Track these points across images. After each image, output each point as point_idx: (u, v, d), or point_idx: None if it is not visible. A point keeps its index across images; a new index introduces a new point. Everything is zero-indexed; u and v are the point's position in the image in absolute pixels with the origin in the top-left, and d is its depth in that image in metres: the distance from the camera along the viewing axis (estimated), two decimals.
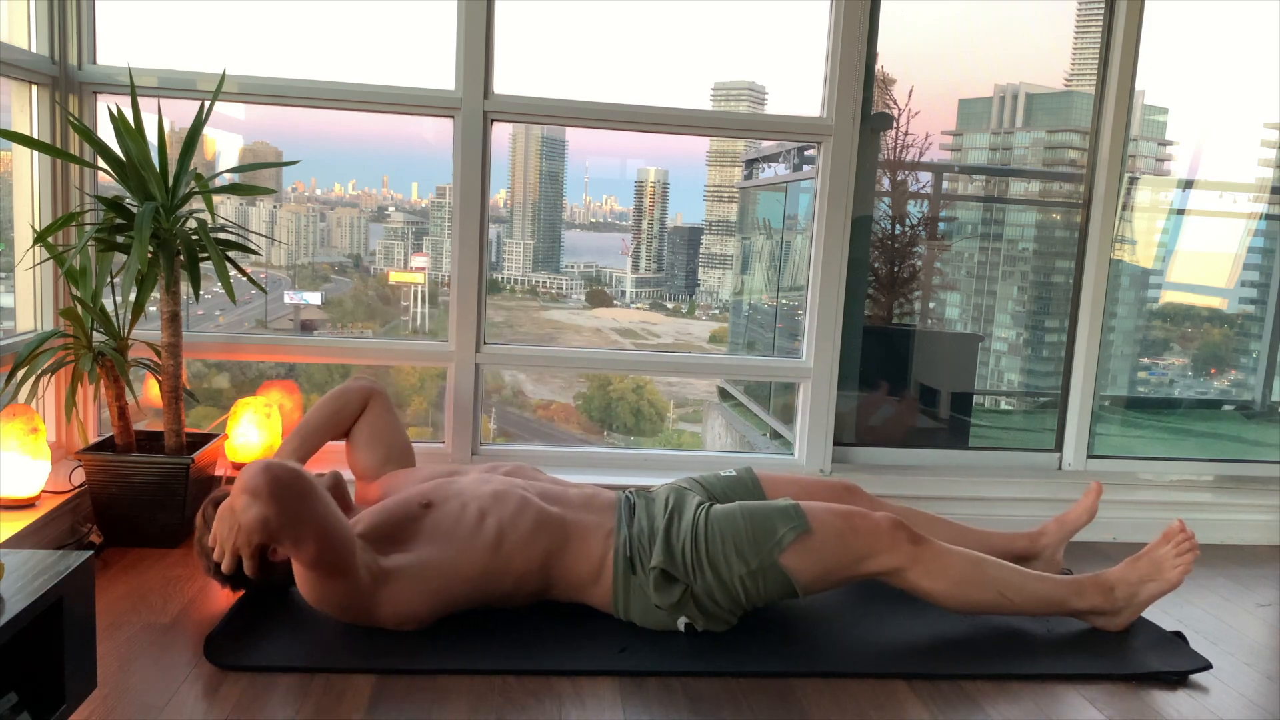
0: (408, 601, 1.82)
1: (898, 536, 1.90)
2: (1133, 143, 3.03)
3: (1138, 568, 2.02)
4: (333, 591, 1.77)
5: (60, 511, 2.17)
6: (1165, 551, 2.02)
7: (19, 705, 1.24)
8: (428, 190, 3.68)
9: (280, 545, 1.71)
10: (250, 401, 2.53)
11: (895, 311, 3.35)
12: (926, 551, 1.91)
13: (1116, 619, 2.02)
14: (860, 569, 1.90)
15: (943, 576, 1.91)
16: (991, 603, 1.95)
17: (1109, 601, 2.00)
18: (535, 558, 1.90)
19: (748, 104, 3.27)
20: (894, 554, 1.89)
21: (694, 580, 1.89)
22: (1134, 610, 2.02)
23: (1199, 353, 4.04)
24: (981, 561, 1.96)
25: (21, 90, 2.36)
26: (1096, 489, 2.26)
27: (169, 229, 2.16)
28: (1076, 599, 2.00)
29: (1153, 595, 2.01)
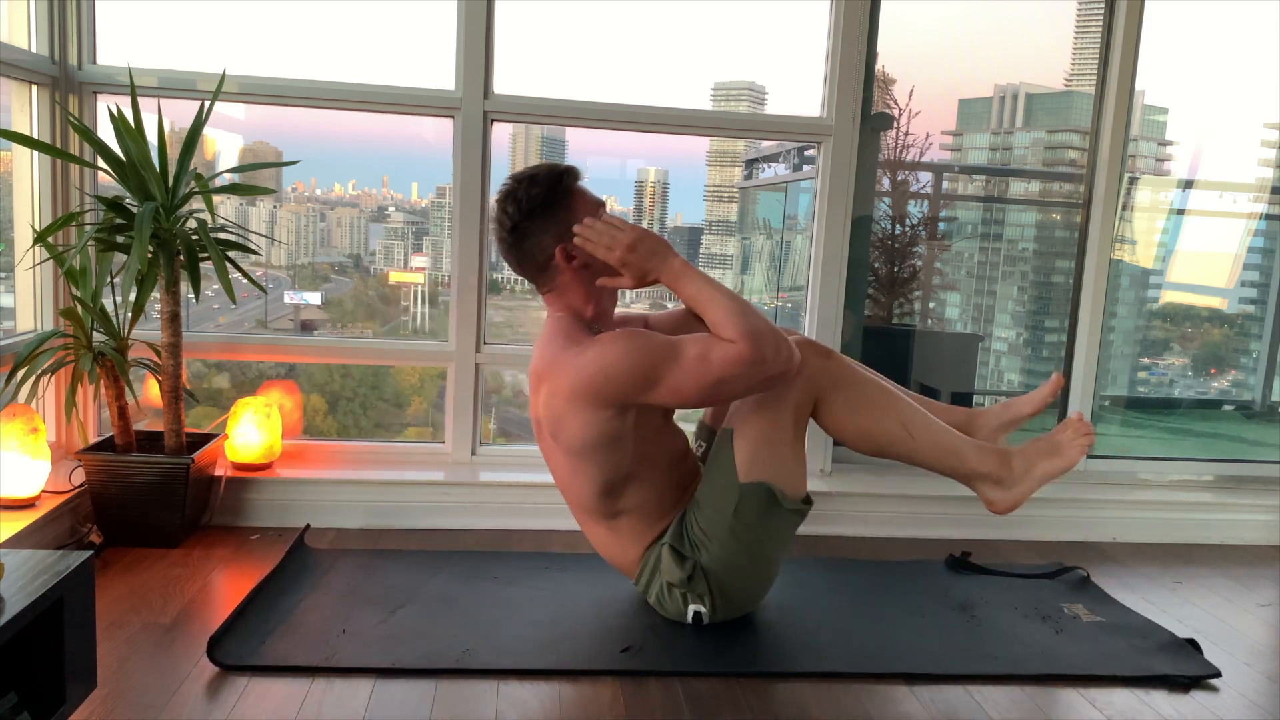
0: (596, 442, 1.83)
1: (806, 351, 1.88)
2: (1133, 143, 3.03)
3: (1037, 446, 2.03)
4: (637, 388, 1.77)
5: (60, 511, 2.17)
6: (1065, 435, 2.03)
7: (19, 705, 1.24)
8: (428, 190, 3.68)
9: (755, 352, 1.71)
10: (250, 401, 2.53)
11: (895, 311, 3.35)
12: (835, 362, 1.93)
13: (1008, 492, 2.00)
14: (790, 406, 1.88)
15: (850, 391, 1.92)
16: (892, 433, 1.94)
17: (1004, 469, 1.99)
18: (644, 496, 1.92)
19: (748, 104, 3.26)
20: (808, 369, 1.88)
21: (699, 554, 1.90)
22: (1027, 486, 2.00)
23: (1199, 353, 4.04)
24: (890, 390, 1.97)
25: (21, 90, 2.36)
26: (1056, 380, 2.18)
27: (169, 229, 2.16)
28: (974, 457, 1.98)
29: (1048, 473, 2.00)
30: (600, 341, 1.80)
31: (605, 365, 1.76)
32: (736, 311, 1.75)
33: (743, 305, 1.78)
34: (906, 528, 2.66)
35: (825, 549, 2.52)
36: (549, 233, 1.85)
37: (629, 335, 1.80)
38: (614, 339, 1.79)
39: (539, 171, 1.87)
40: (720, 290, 1.79)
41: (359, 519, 2.50)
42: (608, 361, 1.76)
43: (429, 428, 3.27)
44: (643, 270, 1.82)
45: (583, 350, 1.80)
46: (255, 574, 2.12)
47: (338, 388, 3.36)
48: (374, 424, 3.36)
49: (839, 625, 2.04)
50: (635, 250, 1.80)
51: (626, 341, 1.78)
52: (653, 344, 1.77)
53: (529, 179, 1.86)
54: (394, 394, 3.52)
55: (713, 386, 1.75)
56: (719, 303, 1.77)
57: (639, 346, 1.77)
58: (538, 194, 1.84)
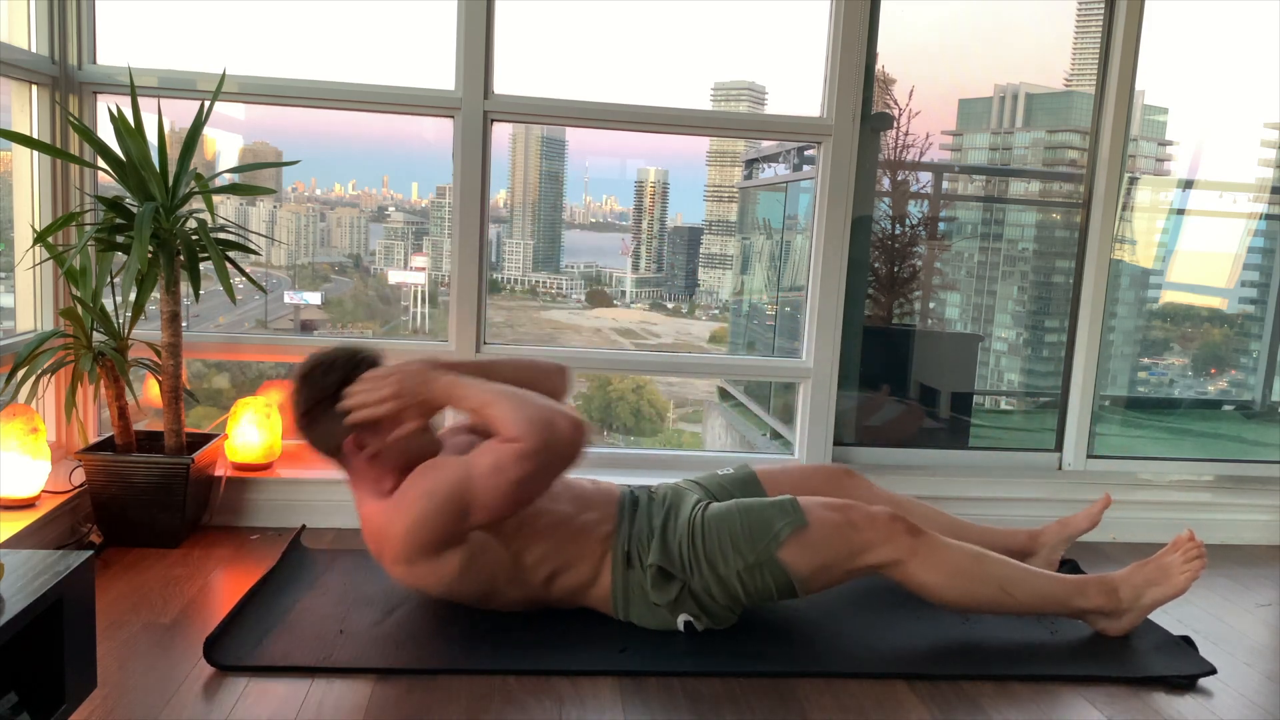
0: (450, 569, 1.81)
1: (895, 528, 1.88)
2: (1133, 143, 3.02)
3: (1144, 571, 2.01)
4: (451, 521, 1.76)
5: (60, 511, 2.17)
6: (1174, 558, 2.00)
7: (19, 705, 1.24)
8: (428, 190, 3.68)
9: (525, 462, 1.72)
10: (250, 401, 2.53)
11: (895, 311, 3.35)
12: (924, 544, 1.89)
13: (1119, 622, 2.00)
14: (858, 562, 1.89)
15: (942, 569, 1.89)
16: (992, 598, 1.93)
17: (1112, 602, 1.99)
18: (545, 568, 1.89)
19: (748, 104, 3.27)
20: (892, 546, 1.87)
21: (691, 577, 1.89)
22: (1138, 614, 2.00)
23: (1199, 353, 4.04)
24: (982, 555, 1.95)
25: (21, 90, 2.36)
26: (1105, 501, 2.25)
27: (169, 229, 2.16)
28: (1080, 598, 1.98)
29: (1157, 600, 1.99)
30: (397, 499, 1.81)
31: (411, 511, 1.78)
32: (511, 407, 1.76)
33: (517, 399, 1.77)
34: None
35: None
36: (339, 421, 1.82)
37: (418, 477, 1.80)
38: (406, 489, 1.80)
39: (336, 358, 1.86)
40: (493, 391, 1.78)
41: (358, 519, 2.50)
42: (411, 508, 1.77)
43: None
44: (420, 403, 1.80)
45: (388, 508, 1.81)
46: (255, 574, 2.12)
47: None
48: None
49: (839, 625, 2.04)
50: (401, 393, 1.79)
51: (419, 486, 1.79)
52: (443, 472, 1.78)
53: (325, 365, 1.85)
54: None
55: (518, 489, 1.76)
56: (494, 405, 1.77)
57: (431, 480, 1.78)
58: (330, 382, 1.83)
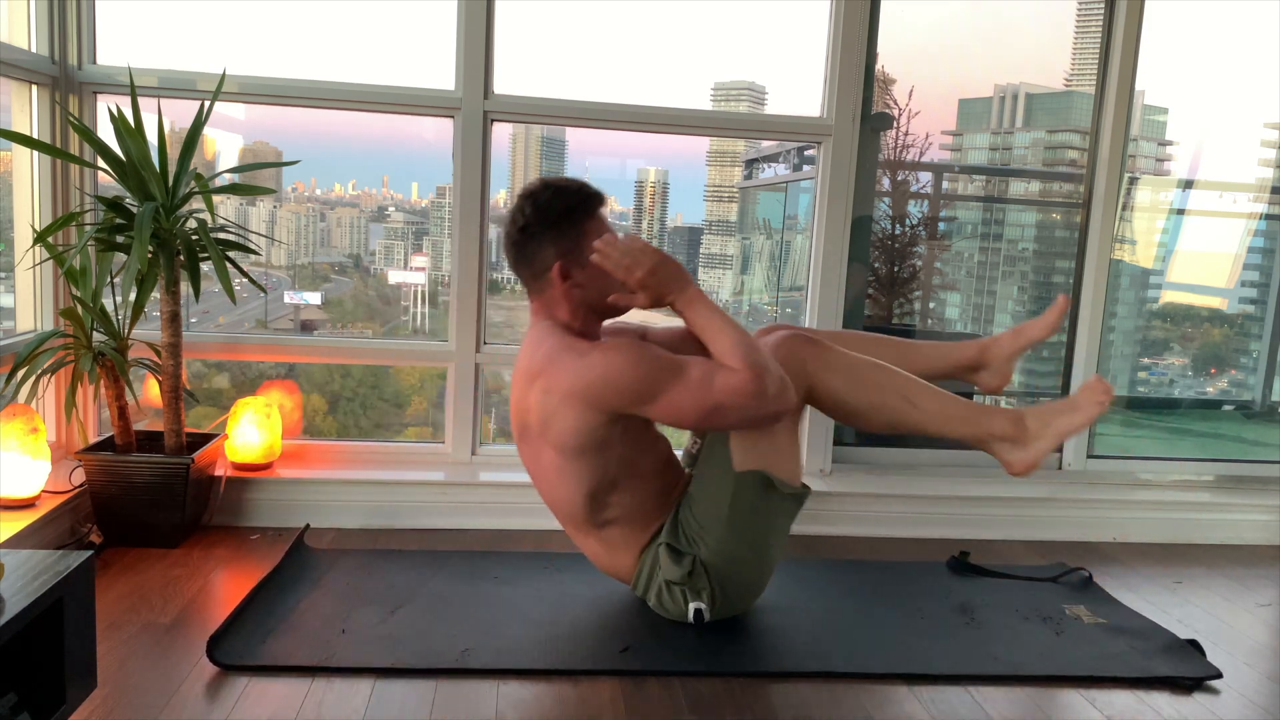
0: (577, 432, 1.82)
1: (794, 341, 1.90)
2: (1133, 143, 3.03)
3: (1053, 404, 2.01)
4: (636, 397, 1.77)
5: (60, 511, 2.17)
6: (1084, 394, 1.99)
7: (19, 705, 1.24)
8: (428, 190, 3.68)
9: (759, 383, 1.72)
10: (250, 401, 2.53)
11: (895, 311, 3.34)
12: (825, 348, 1.92)
13: (1025, 451, 1.97)
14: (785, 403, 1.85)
15: (845, 372, 1.91)
16: (896, 408, 1.93)
17: (1019, 429, 1.96)
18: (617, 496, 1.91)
19: (748, 104, 3.26)
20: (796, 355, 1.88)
21: (698, 548, 1.90)
22: (1044, 444, 1.96)
23: (1199, 353, 4.04)
24: (884, 366, 1.96)
25: (21, 90, 2.36)
26: (1062, 302, 2.12)
27: (169, 229, 2.16)
28: (985, 420, 1.96)
29: (1065, 428, 1.97)
30: (605, 347, 1.79)
31: (609, 371, 1.76)
32: (744, 344, 1.77)
33: (750, 340, 1.79)
34: (906, 528, 2.66)
35: (825, 549, 2.52)
36: (555, 245, 1.85)
37: (634, 346, 1.79)
38: (620, 347, 1.79)
39: (569, 185, 1.89)
40: (730, 322, 1.80)
41: (359, 519, 2.50)
42: (612, 368, 1.76)
43: (429, 428, 3.27)
44: (659, 293, 1.83)
45: (585, 353, 1.79)
46: (255, 574, 2.12)
47: (338, 388, 3.36)
48: (374, 424, 3.36)
49: (839, 625, 2.04)
50: (655, 273, 1.81)
51: (632, 351, 1.77)
52: (658, 357, 1.77)
53: (557, 188, 1.87)
54: (394, 394, 3.52)
55: (710, 411, 1.76)
56: (728, 334, 1.78)
57: (644, 357, 1.77)
58: (559, 205, 1.85)
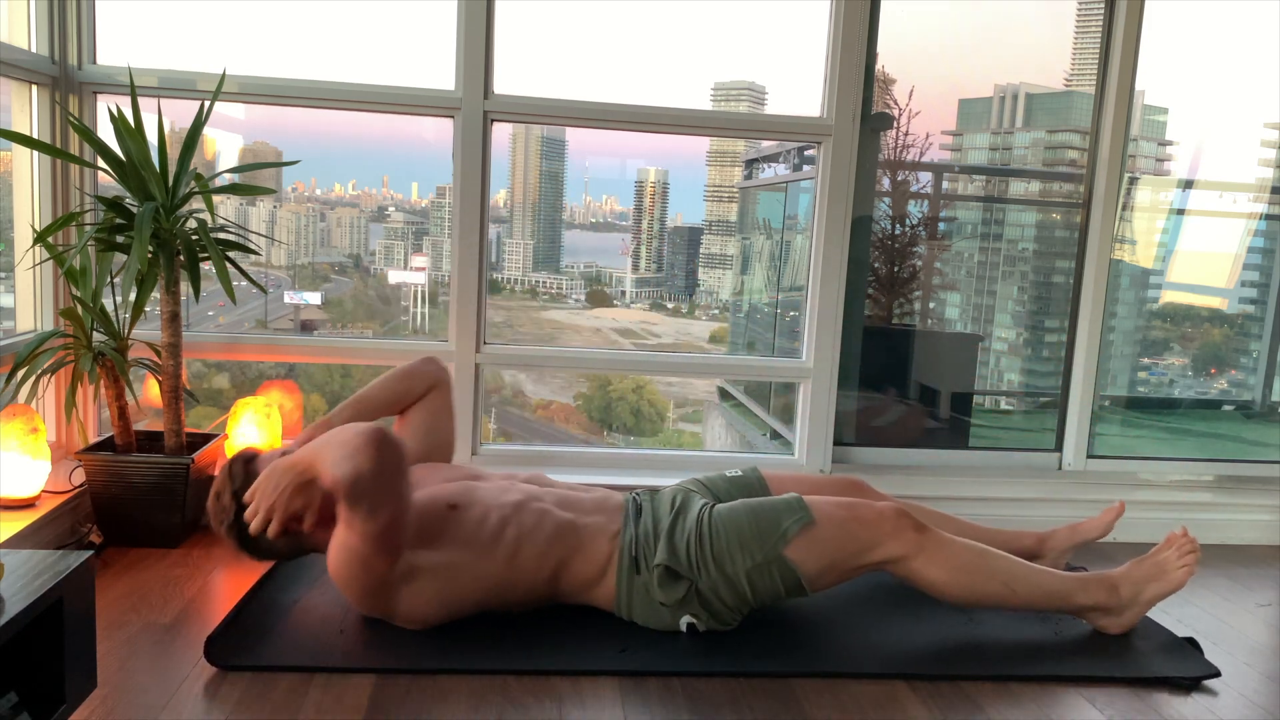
0: (425, 601, 1.83)
1: (901, 524, 1.89)
2: (1133, 143, 3.02)
3: (1142, 568, 2.02)
4: (368, 572, 1.77)
5: (60, 511, 2.17)
6: (1169, 554, 2.02)
7: (19, 705, 1.24)
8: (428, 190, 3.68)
9: (355, 508, 1.70)
10: (250, 401, 2.53)
11: (895, 311, 3.35)
12: (930, 540, 1.90)
13: (1119, 618, 2.01)
14: (865, 559, 1.89)
15: (947, 565, 1.90)
16: (995, 594, 1.94)
17: (1113, 598, 2.00)
18: (548, 566, 1.90)
19: (748, 104, 3.27)
20: (898, 542, 1.88)
21: (698, 577, 1.89)
22: (1137, 610, 2.01)
23: (1199, 353, 4.04)
24: (986, 552, 1.96)
25: (21, 90, 2.36)
26: (1119, 508, 2.25)
27: (169, 229, 2.16)
28: (1081, 594, 1.99)
29: (1156, 595, 2.01)
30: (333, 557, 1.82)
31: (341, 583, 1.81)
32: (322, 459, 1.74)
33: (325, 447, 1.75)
34: None
35: None
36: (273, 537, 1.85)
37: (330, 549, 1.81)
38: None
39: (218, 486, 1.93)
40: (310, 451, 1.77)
41: None
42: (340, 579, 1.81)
43: None
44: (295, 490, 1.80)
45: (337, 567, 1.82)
46: (255, 574, 2.11)
47: (338, 388, 3.36)
48: None
49: (839, 625, 2.04)
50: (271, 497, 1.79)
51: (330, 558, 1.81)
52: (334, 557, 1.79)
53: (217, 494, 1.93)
54: None
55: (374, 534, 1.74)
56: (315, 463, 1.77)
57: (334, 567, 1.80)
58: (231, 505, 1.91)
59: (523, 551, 1.88)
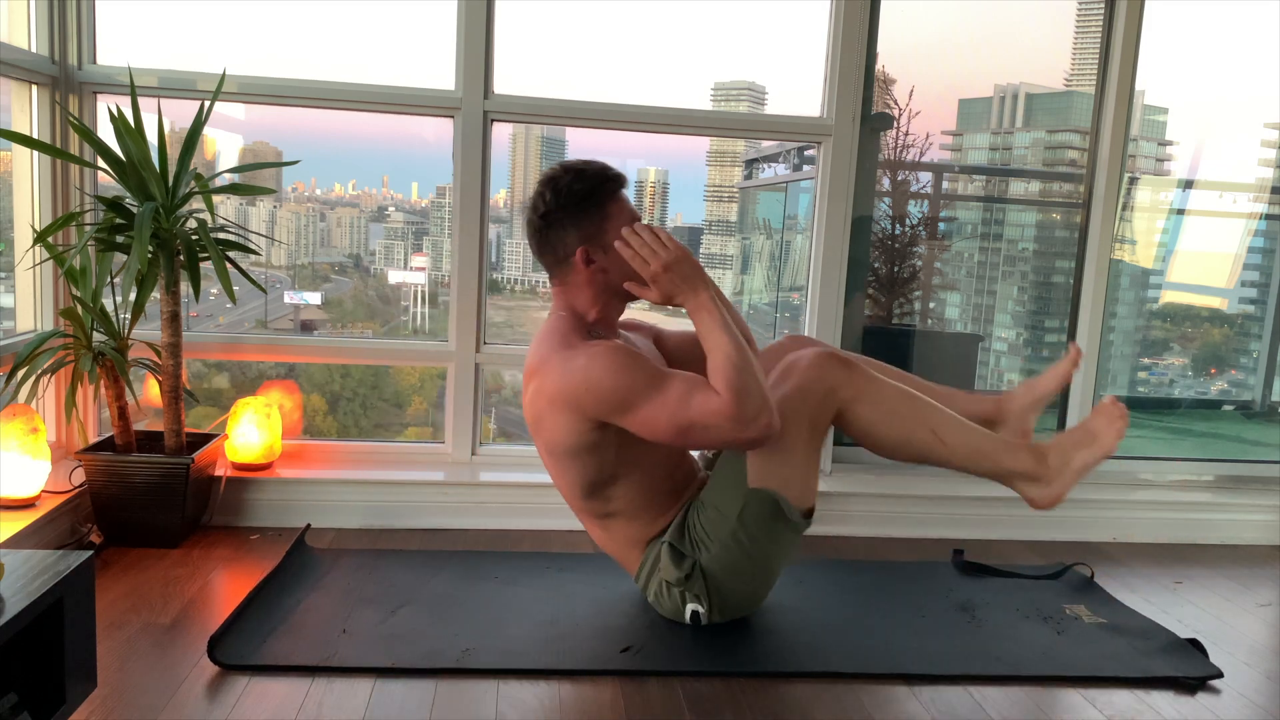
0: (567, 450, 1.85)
1: (828, 364, 1.87)
2: (1133, 143, 3.02)
3: (1071, 436, 2.00)
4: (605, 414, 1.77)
5: (60, 511, 2.17)
6: (1100, 421, 1.99)
7: (19, 705, 1.24)
8: (428, 190, 3.68)
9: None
10: (250, 401, 2.53)
11: (895, 311, 3.35)
12: (859, 374, 1.88)
13: (1048, 488, 1.97)
14: (809, 425, 1.86)
15: (879, 405, 1.88)
16: (924, 442, 1.91)
17: (1041, 466, 1.96)
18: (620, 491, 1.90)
19: (748, 104, 3.26)
20: (829, 379, 1.86)
21: (699, 553, 1.89)
22: (1066, 480, 1.97)
23: (1199, 353, 4.04)
24: (916, 396, 1.93)
25: (21, 90, 2.36)
26: (1075, 352, 2.13)
27: (169, 229, 2.16)
28: (1009, 457, 1.95)
29: (1086, 463, 1.97)
30: (591, 351, 1.77)
31: (589, 376, 1.74)
32: (735, 365, 1.72)
33: (744, 360, 1.74)
34: (907, 528, 2.66)
35: (826, 549, 2.51)
36: (579, 229, 1.84)
37: (620, 352, 1.77)
38: (606, 351, 1.76)
39: (589, 167, 1.86)
40: (730, 338, 1.75)
41: (359, 519, 2.50)
42: (592, 373, 1.74)
43: (429, 428, 3.28)
44: (670, 292, 1.80)
45: (574, 355, 1.78)
46: (255, 574, 2.12)
47: (338, 388, 3.36)
48: (374, 424, 3.36)
49: (839, 625, 2.04)
50: (670, 270, 1.78)
51: (616, 358, 1.75)
52: (641, 368, 1.75)
53: (577, 171, 1.85)
54: (394, 394, 3.52)
55: (685, 430, 1.73)
56: (723, 350, 1.75)
57: (626, 366, 1.74)
58: (580, 189, 1.83)
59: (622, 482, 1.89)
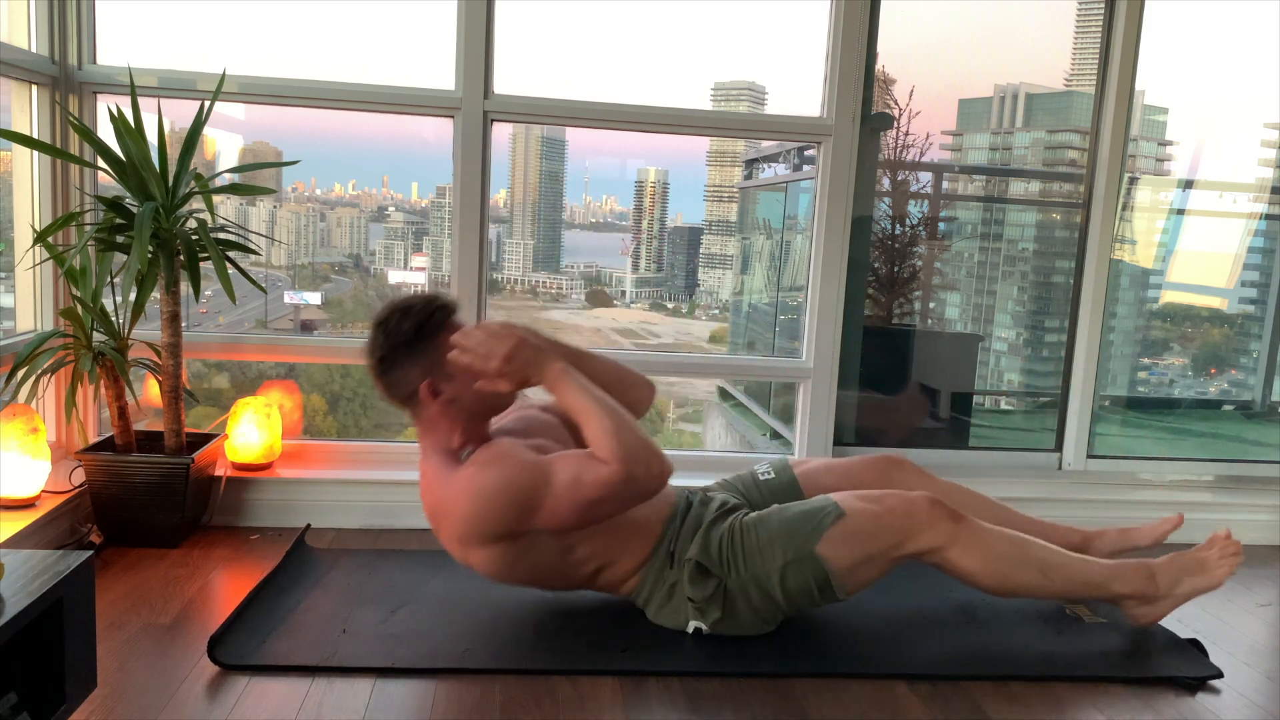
0: (496, 565, 1.84)
1: (936, 514, 1.87)
2: (1133, 143, 3.02)
3: (1181, 561, 2.00)
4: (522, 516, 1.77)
5: (60, 511, 2.17)
6: (1211, 553, 2.01)
7: (19, 705, 1.24)
8: (428, 190, 3.68)
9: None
10: (250, 401, 2.53)
11: (895, 311, 3.35)
12: (965, 529, 1.88)
13: (1153, 608, 1.99)
14: (899, 551, 1.87)
15: (981, 555, 1.88)
16: (1032, 582, 1.92)
17: (1150, 587, 1.97)
18: (594, 563, 1.90)
19: (748, 104, 3.27)
20: (933, 532, 1.86)
21: (728, 575, 1.89)
22: (1171, 602, 1.99)
23: (1199, 353, 4.04)
24: (1021, 540, 1.93)
25: (21, 90, 2.36)
26: (1177, 520, 2.18)
27: (169, 229, 2.16)
28: (1118, 582, 1.97)
29: (1193, 590, 1.99)
30: (468, 471, 1.79)
31: (477, 500, 1.76)
32: (609, 430, 1.74)
33: (617, 421, 1.76)
34: None
35: None
36: (416, 366, 1.82)
37: (496, 461, 1.78)
38: (481, 467, 1.78)
39: (413, 304, 1.85)
40: (597, 403, 1.77)
41: (359, 519, 2.50)
42: (478, 496, 1.76)
43: None
44: (523, 378, 1.81)
45: (457, 495, 1.79)
46: (255, 574, 2.12)
47: (338, 388, 3.36)
48: (374, 424, 3.36)
49: (839, 625, 2.04)
50: (512, 360, 1.78)
51: (493, 470, 1.77)
52: (521, 470, 1.76)
53: (402, 310, 1.84)
54: None
55: (588, 508, 1.75)
56: (594, 417, 1.76)
57: (507, 475, 1.76)
58: (408, 327, 1.82)
59: (581, 546, 1.87)
